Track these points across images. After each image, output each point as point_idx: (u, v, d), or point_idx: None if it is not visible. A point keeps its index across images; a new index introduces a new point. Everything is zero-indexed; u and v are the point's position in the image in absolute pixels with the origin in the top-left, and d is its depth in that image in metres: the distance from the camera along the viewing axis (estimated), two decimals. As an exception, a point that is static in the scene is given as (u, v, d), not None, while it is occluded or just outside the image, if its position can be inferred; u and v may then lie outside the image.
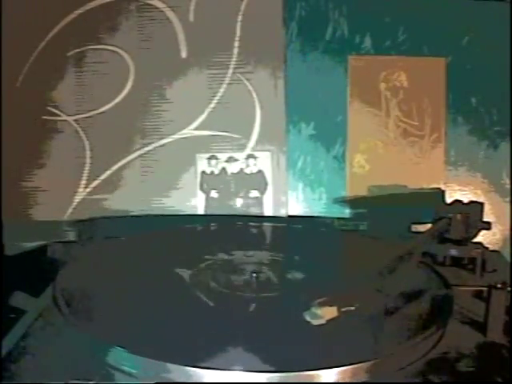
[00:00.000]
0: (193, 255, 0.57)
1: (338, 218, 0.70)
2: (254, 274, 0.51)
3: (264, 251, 0.60)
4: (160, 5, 0.68)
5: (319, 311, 0.39)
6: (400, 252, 0.48)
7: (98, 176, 0.70)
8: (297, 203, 0.71)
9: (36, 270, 0.58)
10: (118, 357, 0.38)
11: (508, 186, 0.70)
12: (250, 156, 0.70)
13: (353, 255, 0.60)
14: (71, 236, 0.67)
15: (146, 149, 0.70)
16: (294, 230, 0.68)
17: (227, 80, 0.69)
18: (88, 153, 0.69)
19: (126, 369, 0.38)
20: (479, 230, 0.58)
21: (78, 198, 0.70)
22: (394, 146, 0.71)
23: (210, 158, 0.70)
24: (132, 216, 0.69)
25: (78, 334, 0.41)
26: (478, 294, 0.50)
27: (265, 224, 0.69)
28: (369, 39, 0.69)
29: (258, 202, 0.70)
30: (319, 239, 0.65)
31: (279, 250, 0.60)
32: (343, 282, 0.47)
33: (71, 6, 0.68)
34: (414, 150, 0.70)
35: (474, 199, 0.60)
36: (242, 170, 0.70)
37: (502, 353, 0.42)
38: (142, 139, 0.70)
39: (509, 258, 0.62)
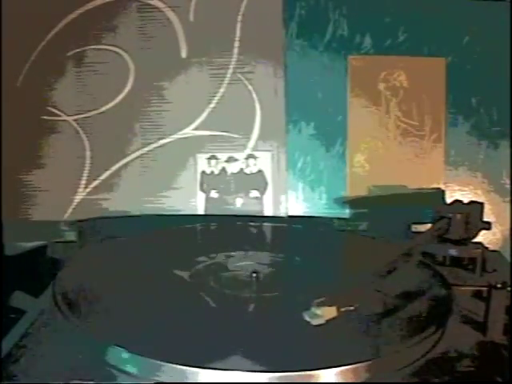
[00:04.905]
0: (193, 255, 0.57)
1: (338, 218, 0.70)
2: (254, 274, 0.51)
3: (264, 251, 0.60)
4: (160, 5, 0.68)
5: (319, 311, 0.39)
6: (400, 252, 0.48)
7: (98, 176, 0.70)
8: (297, 203, 0.71)
9: (36, 269, 0.58)
10: (117, 357, 0.38)
11: (508, 186, 0.69)
12: (250, 156, 0.70)
13: (353, 255, 0.60)
14: (71, 236, 0.67)
15: (146, 149, 0.70)
16: (293, 230, 0.68)
17: (227, 80, 0.69)
18: (88, 153, 0.69)
19: (126, 369, 0.38)
20: (479, 230, 0.58)
21: (77, 198, 0.70)
22: (394, 146, 0.71)
23: (209, 158, 0.70)
24: (132, 216, 0.69)
25: (78, 333, 0.41)
26: (478, 294, 0.50)
27: (265, 224, 0.69)
28: (369, 39, 0.69)
29: (258, 201, 0.70)
30: (319, 239, 0.65)
31: (279, 250, 0.60)
32: (343, 281, 0.47)
33: (71, 5, 0.68)
34: (414, 150, 0.70)
35: (474, 199, 0.60)
36: (242, 170, 0.70)
37: (501, 353, 0.41)
38: (142, 139, 0.70)
39: (509, 258, 0.62)
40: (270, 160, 0.70)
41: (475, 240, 0.58)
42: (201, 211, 0.70)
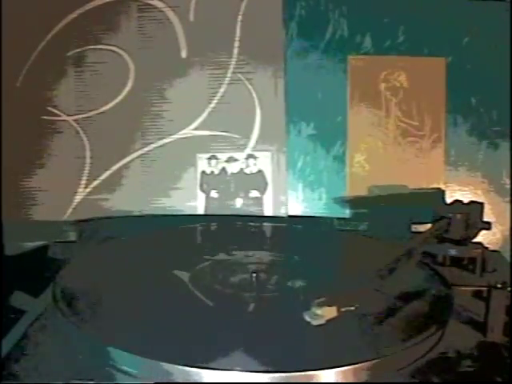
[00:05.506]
0: (193, 255, 0.57)
1: (338, 218, 0.70)
2: (254, 274, 0.51)
3: (264, 251, 0.60)
4: (160, 5, 0.68)
5: (319, 311, 0.39)
6: (400, 252, 0.48)
7: (98, 176, 0.70)
8: (297, 203, 0.71)
9: (36, 269, 0.58)
10: (118, 357, 0.38)
11: (508, 186, 0.69)
12: (249, 156, 0.70)
13: (353, 255, 0.60)
14: (71, 236, 0.67)
15: (146, 149, 0.70)
16: (294, 230, 0.68)
17: (227, 80, 0.69)
18: (88, 153, 0.69)
19: (126, 369, 0.38)
20: (479, 230, 0.58)
21: (78, 198, 0.70)
22: (393, 146, 0.71)
23: (210, 158, 0.70)
24: (132, 216, 0.69)
25: (78, 333, 0.41)
26: (478, 294, 0.50)
27: (265, 224, 0.69)
28: (369, 39, 0.69)
29: (258, 202, 0.70)
30: (319, 239, 0.65)
31: (279, 249, 0.60)
32: (343, 281, 0.47)
33: (71, 6, 0.68)
34: (414, 150, 0.70)
35: (474, 199, 0.60)
36: (242, 169, 0.70)
37: (501, 353, 0.42)
38: (142, 139, 0.70)
39: (509, 258, 0.62)
40: (269, 160, 0.70)
41: (475, 240, 0.58)
42: (201, 211, 0.70)
